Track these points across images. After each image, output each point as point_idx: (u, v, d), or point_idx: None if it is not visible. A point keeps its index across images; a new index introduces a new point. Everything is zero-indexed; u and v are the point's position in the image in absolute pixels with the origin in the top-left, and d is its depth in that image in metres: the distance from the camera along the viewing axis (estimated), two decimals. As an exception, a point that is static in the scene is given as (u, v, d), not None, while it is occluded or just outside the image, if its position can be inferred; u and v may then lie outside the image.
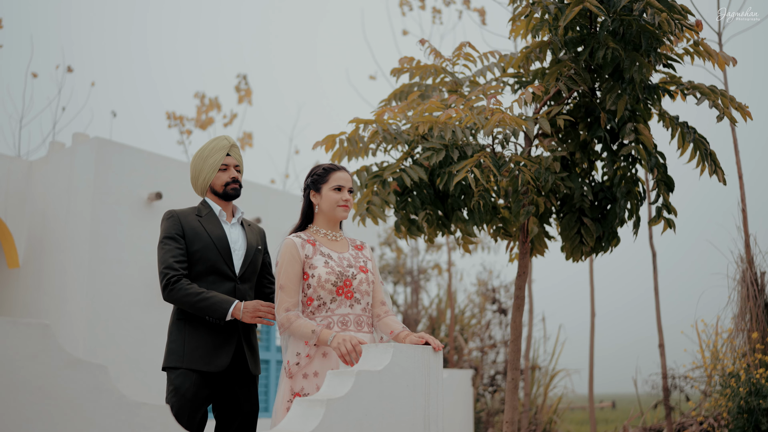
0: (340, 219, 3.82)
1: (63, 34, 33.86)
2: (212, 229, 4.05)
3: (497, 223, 5.55)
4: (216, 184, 4.15)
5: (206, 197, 4.24)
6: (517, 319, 5.57)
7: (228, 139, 4.18)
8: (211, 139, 4.21)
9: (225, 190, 4.15)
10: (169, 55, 40.05)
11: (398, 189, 5.28)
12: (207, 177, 4.13)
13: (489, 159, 4.91)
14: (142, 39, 32.81)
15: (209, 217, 4.11)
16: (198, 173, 4.14)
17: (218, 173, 4.14)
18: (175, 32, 47.13)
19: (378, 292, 3.83)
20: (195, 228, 4.01)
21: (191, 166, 4.20)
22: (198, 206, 4.22)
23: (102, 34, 36.43)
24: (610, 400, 27.06)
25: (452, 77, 5.87)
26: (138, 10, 38.10)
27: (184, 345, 3.81)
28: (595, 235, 5.52)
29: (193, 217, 4.08)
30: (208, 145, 4.16)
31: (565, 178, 5.36)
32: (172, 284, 3.80)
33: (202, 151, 4.14)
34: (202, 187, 4.18)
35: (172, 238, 3.96)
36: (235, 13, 40.39)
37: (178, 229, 3.99)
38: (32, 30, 31.51)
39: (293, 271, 3.63)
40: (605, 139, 5.39)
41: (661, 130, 19.81)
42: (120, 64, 36.56)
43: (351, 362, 3.26)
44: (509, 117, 4.59)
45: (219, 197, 4.17)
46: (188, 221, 4.03)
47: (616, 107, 5.11)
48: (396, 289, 16.48)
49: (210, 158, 4.12)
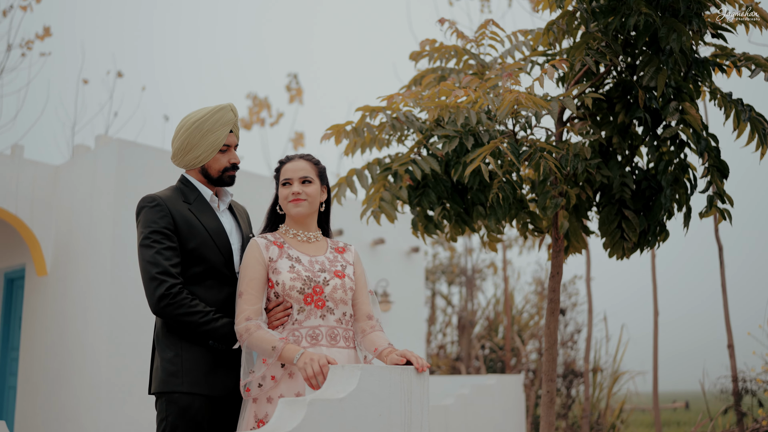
0: (294, 216, 3.28)
1: (113, 40, 34.15)
2: (207, 220, 3.29)
3: (525, 218, 4.97)
4: (212, 167, 3.38)
5: (188, 174, 3.44)
6: (551, 325, 4.98)
7: (233, 110, 3.40)
8: (210, 107, 3.38)
9: (221, 176, 3.40)
10: (215, 56, 40.34)
11: (411, 182, 4.75)
12: (203, 156, 3.34)
13: (508, 146, 4.34)
14: (190, 42, 32.87)
15: (200, 205, 3.34)
16: (190, 146, 3.32)
17: (217, 154, 3.37)
18: (222, 33, 47.55)
19: (363, 303, 3.29)
20: (188, 220, 3.24)
21: (182, 134, 3.33)
22: (178, 187, 3.38)
23: (151, 38, 36.73)
24: (683, 400, 25.90)
25: (477, 59, 5.30)
26: (185, 13, 38.40)
27: (183, 364, 3.12)
28: (639, 229, 4.89)
29: (182, 204, 3.28)
30: (210, 115, 3.34)
31: (602, 166, 4.75)
32: (173, 296, 3.06)
33: (202, 122, 3.31)
34: (190, 164, 3.38)
35: (162, 233, 3.16)
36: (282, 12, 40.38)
37: (168, 221, 3.19)
38: (83, 37, 31.88)
39: (255, 275, 3.12)
40: (646, 121, 4.76)
41: (713, 110, 18.71)
42: (169, 67, 36.80)
43: (317, 386, 2.75)
44: (526, 97, 4.01)
45: (208, 181, 3.41)
46: (179, 211, 3.24)
47: (656, 83, 4.49)
48: (450, 289, 15.95)
49: (211, 134, 3.32)
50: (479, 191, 4.74)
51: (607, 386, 12.56)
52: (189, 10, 38.05)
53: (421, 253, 12.01)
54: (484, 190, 4.73)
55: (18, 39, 21.71)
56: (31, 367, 8.87)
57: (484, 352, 14.35)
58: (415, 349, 11.47)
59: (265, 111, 18.58)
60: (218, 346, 3.15)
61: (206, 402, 3.12)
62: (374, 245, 11.13)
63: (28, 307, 9.07)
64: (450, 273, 15.77)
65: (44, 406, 8.49)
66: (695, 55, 4.73)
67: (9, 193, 8.47)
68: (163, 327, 3.18)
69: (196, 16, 39.24)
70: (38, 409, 8.57)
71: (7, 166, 8.56)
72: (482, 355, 14.18)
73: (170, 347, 3.14)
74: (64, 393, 8.23)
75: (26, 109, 23.14)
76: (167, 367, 3.12)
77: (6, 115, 26.11)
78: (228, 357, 3.19)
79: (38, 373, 8.71)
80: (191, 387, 3.09)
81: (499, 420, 10.11)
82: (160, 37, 37.59)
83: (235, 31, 36.29)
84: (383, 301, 10.80)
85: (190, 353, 3.13)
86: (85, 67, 27.56)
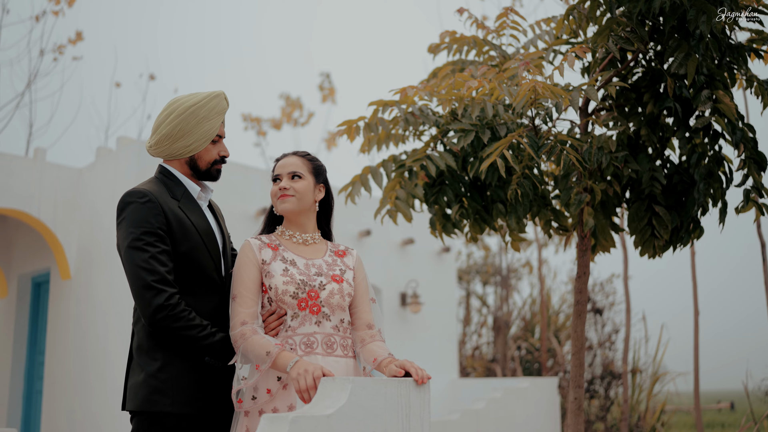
0: (282, 213, 3.06)
1: (145, 42, 34.32)
2: (197, 220, 2.98)
3: (548, 216, 4.70)
4: (202, 158, 3.06)
5: (169, 165, 3.09)
6: (578, 329, 4.71)
7: (227, 98, 3.10)
8: (203, 93, 3.06)
9: (210, 169, 3.10)
10: (246, 56, 40.15)
11: (427, 180, 4.51)
12: (194, 145, 3.02)
13: (527, 139, 4.09)
14: (221, 42, 32.86)
15: (188, 202, 3.01)
16: (182, 134, 2.99)
17: (209, 145, 3.07)
18: (251, 33, 47.42)
19: (362, 311, 3.05)
20: (180, 219, 2.90)
21: (172, 119, 2.99)
22: (162, 180, 3.03)
23: (182, 39, 36.71)
24: (727, 400, 25.24)
25: (498, 50, 5.04)
26: (214, 13, 38.44)
27: (171, 381, 2.80)
28: (670, 227, 4.60)
29: (172, 201, 2.94)
30: (207, 102, 3.02)
31: (629, 159, 4.47)
32: (172, 308, 2.74)
33: (197, 108, 2.99)
34: (176, 153, 3.04)
35: (156, 234, 2.80)
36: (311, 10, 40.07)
37: (161, 220, 2.84)
38: (115, 40, 32.10)
39: (249, 277, 2.91)
40: (676, 111, 4.48)
41: (750, 98, 18.11)
42: (201, 68, 36.82)
43: (309, 400, 2.53)
44: (543, 86, 3.75)
45: (195, 174, 3.10)
46: (170, 209, 2.90)
47: (686, 70, 4.20)
48: (485, 289, 15.66)
49: (206, 121, 3.01)
50: (498, 188, 4.49)
51: (646, 387, 12.21)
52: (219, 10, 38.09)
53: (452, 253, 11.75)
54: (503, 187, 4.48)
55: (50, 44, 21.86)
56: (55, 371, 8.80)
57: (520, 353, 14.06)
58: (447, 353, 11.21)
59: (297, 111, 18.55)
60: (215, 363, 2.88)
61: (193, 421, 2.87)
62: (404, 245, 10.90)
63: (53, 310, 9.00)
64: (484, 273, 15.48)
65: (68, 410, 8.40)
66: (729, 40, 4.44)
67: (32, 196, 8.40)
68: (148, 337, 2.87)
69: (225, 15, 39.26)
70: (63, 413, 8.48)
71: (30, 170, 8.48)
72: (518, 357, 13.89)
73: (156, 360, 2.83)
74: (86, 397, 8.13)
75: (59, 113, 23.28)
76: (151, 382, 2.81)
77: (40, 119, 26.30)
78: (216, 372, 2.93)
79: (62, 377, 8.63)
80: (181, 407, 2.80)
81: (533, 424, 9.82)
82: (191, 38, 37.68)
83: (263, 30, 36.30)
84: (413, 302, 10.56)
85: (177, 368, 2.83)
86: (118, 70, 27.62)
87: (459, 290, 15.69)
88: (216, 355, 2.86)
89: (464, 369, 14.38)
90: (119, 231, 2.88)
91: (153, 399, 2.79)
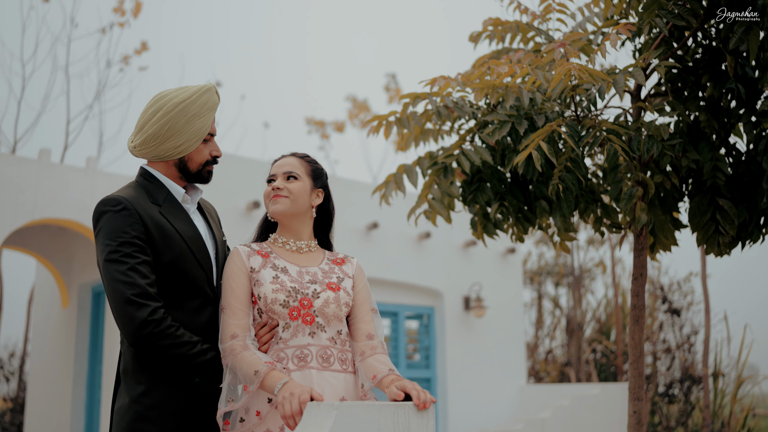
0: (274, 216, 2.78)
1: (211, 50, 34.66)
2: (182, 226, 2.70)
3: (597, 212, 4.31)
4: (193, 159, 2.79)
5: (151, 167, 2.81)
6: (636, 336, 4.31)
7: (218, 93, 2.83)
8: (192, 87, 2.78)
9: (201, 171, 2.83)
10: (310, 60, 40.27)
11: (463, 177, 4.18)
12: (184, 146, 2.74)
13: (567, 129, 3.72)
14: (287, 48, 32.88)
15: (171, 207, 2.73)
16: (171, 133, 2.71)
17: (200, 145, 2.79)
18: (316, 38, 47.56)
19: (362, 321, 2.75)
20: (161, 227, 2.64)
21: (160, 118, 2.70)
22: (141, 184, 2.76)
23: (247, 46, 36.82)
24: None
25: (545, 35, 4.67)
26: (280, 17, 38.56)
27: (156, 408, 2.55)
28: (737, 221, 4.15)
29: (152, 207, 2.67)
30: (197, 97, 2.74)
31: (688, 148, 4.05)
32: (157, 324, 2.48)
33: (187, 105, 2.71)
34: (165, 154, 2.75)
35: (134, 245, 2.54)
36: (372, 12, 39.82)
37: (139, 229, 2.58)
38: (181, 49, 32.48)
39: (238, 286, 2.64)
40: (739, 93, 4.03)
41: None
42: (267, 75, 36.91)
43: (294, 427, 2.23)
44: (579, 68, 3.38)
45: (184, 176, 2.83)
46: (150, 216, 2.63)
47: (747, 47, 3.77)
48: (557, 291, 15.16)
49: (197, 119, 2.73)
50: (541, 183, 4.13)
51: (730, 391, 11.56)
52: (283, 14, 38.24)
53: (518, 255, 11.32)
54: (546, 182, 4.11)
55: (117, 55, 22.22)
56: (111, 381, 8.75)
57: (595, 356, 13.53)
58: (514, 358, 10.79)
59: (364, 113, 18.42)
60: (205, 385, 2.61)
61: None
62: (466, 247, 10.54)
63: (110, 319, 8.96)
64: (556, 273, 14.99)
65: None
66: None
67: (84, 206, 8.37)
68: (134, 359, 2.61)
69: (289, 19, 39.38)
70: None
71: (82, 180, 8.45)
72: (593, 360, 13.37)
73: (140, 383, 2.58)
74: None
75: (128, 124, 23.67)
76: (136, 408, 2.56)
77: (110, 130, 26.79)
78: (206, 394, 2.65)
79: (119, 388, 8.56)
80: None
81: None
82: (256, 44, 37.79)
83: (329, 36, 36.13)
84: (476, 306, 10.18)
85: (163, 392, 2.58)
86: (185, 78, 27.97)
87: (530, 292, 15.25)
88: (207, 375, 2.59)
89: (537, 374, 13.94)
90: (96, 244, 2.62)
91: (138, 427, 2.55)
